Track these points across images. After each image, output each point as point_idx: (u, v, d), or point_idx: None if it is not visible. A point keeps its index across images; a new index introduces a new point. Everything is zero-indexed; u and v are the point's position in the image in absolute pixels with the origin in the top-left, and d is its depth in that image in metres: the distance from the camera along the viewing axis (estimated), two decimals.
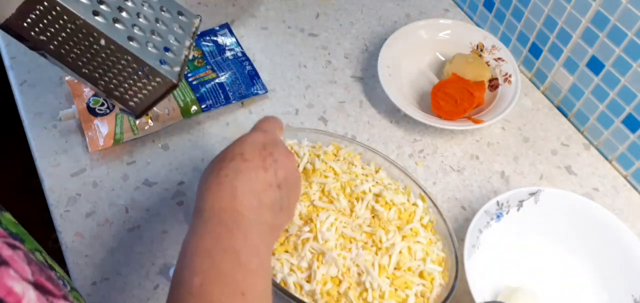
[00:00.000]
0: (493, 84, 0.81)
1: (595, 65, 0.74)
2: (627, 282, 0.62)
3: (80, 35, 0.43)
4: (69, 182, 0.68)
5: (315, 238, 0.59)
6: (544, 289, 0.63)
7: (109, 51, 0.44)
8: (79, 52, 0.44)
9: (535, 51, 0.83)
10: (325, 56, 0.87)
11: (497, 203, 0.64)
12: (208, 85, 0.76)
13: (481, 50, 0.85)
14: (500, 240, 0.64)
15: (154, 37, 0.46)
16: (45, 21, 0.42)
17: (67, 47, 0.44)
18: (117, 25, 0.44)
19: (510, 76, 0.80)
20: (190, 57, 0.50)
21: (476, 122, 0.75)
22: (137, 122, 0.71)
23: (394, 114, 0.79)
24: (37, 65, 0.79)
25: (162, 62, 0.46)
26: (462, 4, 0.96)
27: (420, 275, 0.59)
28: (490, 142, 0.78)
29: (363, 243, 0.60)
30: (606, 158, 0.77)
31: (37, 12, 0.41)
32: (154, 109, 0.71)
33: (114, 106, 0.71)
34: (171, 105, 0.72)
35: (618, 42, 0.70)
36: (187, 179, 0.70)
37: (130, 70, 0.45)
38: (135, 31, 0.45)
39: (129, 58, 0.44)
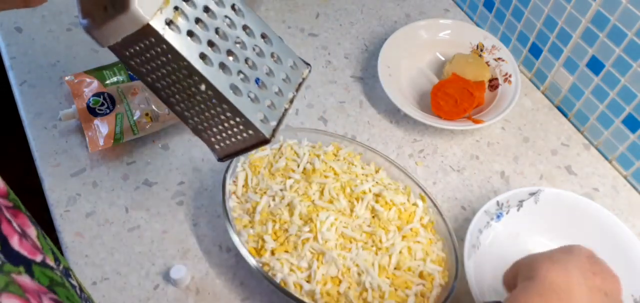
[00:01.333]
0: (493, 84, 0.81)
1: (595, 65, 0.74)
2: (627, 282, 0.61)
3: (180, 75, 0.40)
4: (69, 182, 0.68)
5: (315, 238, 0.59)
6: None
7: (206, 96, 0.41)
8: (175, 90, 0.42)
9: (535, 51, 0.83)
10: (325, 56, 0.87)
11: (497, 203, 0.64)
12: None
13: (481, 50, 0.85)
14: (500, 240, 0.64)
15: (256, 86, 0.42)
16: (148, 55, 0.39)
17: (164, 82, 0.41)
18: (222, 71, 0.40)
19: (510, 76, 0.80)
20: (290, 110, 0.46)
21: (476, 122, 0.75)
22: (137, 122, 0.71)
23: (394, 114, 0.79)
24: (37, 66, 0.79)
25: (258, 113, 0.42)
26: (462, 4, 0.96)
27: (420, 275, 0.59)
28: (490, 142, 0.78)
29: (363, 243, 0.60)
30: (606, 159, 0.77)
31: (142, 45, 0.39)
32: (154, 109, 0.72)
33: (114, 106, 0.71)
34: None
35: (618, 42, 0.70)
36: (187, 179, 0.70)
37: (223, 117, 0.42)
38: (239, 79, 0.41)
39: (226, 107, 0.41)
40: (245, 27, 0.42)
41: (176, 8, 0.38)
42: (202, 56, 0.39)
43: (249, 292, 0.61)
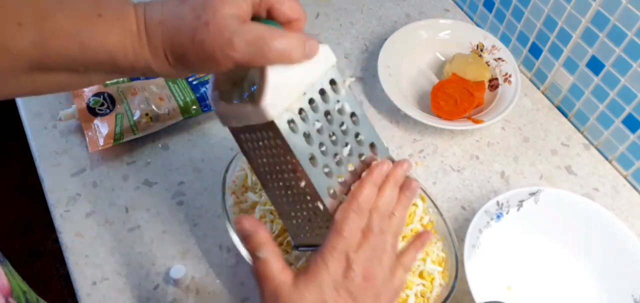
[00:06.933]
0: (493, 84, 0.81)
1: (595, 65, 0.74)
2: (627, 282, 0.62)
3: (284, 167, 0.41)
4: (69, 182, 0.68)
5: None
6: (544, 289, 0.63)
7: (302, 191, 0.42)
8: (274, 177, 0.43)
9: (535, 51, 0.83)
10: None
11: (497, 203, 0.64)
12: (208, 85, 0.76)
13: (481, 50, 0.85)
14: (500, 240, 0.64)
15: (338, 179, 0.43)
16: (261, 143, 0.41)
17: (267, 168, 0.43)
18: (324, 175, 0.41)
19: (510, 76, 0.80)
20: None
21: (476, 122, 0.75)
22: (137, 122, 0.71)
23: (394, 114, 0.79)
24: None
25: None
26: (462, 4, 0.96)
27: (420, 275, 0.59)
28: (490, 142, 0.78)
29: None
30: (606, 159, 0.77)
31: (260, 134, 0.41)
32: (154, 109, 0.72)
33: (114, 106, 0.71)
34: (171, 105, 0.72)
35: (618, 42, 0.70)
36: (187, 179, 0.70)
37: (305, 214, 0.43)
38: (337, 183, 0.42)
39: (313, 206, 0.42)
40: (357, 134, 0.44)
41: (301, 111, 0.40)
42: (311, 157, 0.41)
43: (249, 292, 0.61)
